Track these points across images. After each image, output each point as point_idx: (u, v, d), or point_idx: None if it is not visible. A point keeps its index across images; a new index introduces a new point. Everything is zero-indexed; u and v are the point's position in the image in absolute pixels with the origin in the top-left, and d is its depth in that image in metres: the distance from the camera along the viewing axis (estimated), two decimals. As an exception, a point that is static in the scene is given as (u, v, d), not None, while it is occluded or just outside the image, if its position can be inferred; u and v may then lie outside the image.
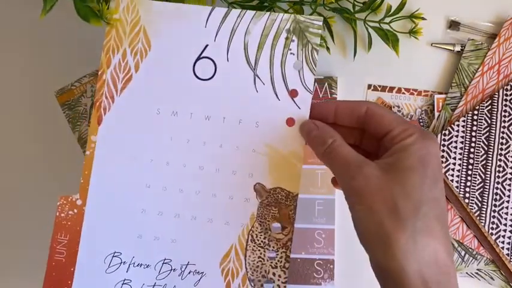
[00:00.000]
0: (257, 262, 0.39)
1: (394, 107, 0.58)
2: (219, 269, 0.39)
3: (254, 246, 0.39)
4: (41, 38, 0.60)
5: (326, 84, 0.59)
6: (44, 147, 0.59)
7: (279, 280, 0.39)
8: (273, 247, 0.39)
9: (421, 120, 0.58)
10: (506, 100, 0.56)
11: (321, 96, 0.59)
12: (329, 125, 0.36)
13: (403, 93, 0.59)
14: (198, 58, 0.39)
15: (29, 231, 0.58)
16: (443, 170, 0.54)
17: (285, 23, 0.39)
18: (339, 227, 0.56)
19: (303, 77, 0.39)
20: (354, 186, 0.31)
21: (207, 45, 0.39)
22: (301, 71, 0.39)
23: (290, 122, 0.38)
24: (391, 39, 0.57)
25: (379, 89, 0.59)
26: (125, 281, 0.39)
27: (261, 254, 0.39)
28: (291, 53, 0.39)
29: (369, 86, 0.59)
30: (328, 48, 0.59)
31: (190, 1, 0.53)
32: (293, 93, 0.38)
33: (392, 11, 0.56)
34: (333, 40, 0.58)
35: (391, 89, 0.59)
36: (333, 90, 0.59)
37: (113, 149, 0.39)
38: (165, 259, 0.39)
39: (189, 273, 0.39)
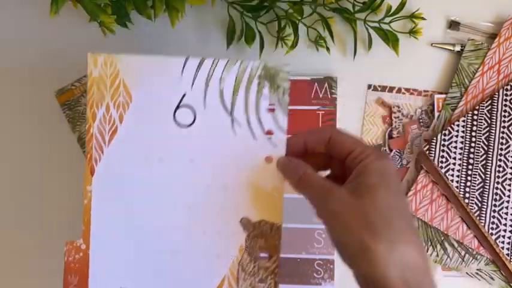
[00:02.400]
0: (249, 289, 0.42)
1: (394, 107, 0.58)
2: None
3: (245, 275, 0.42)
4: (40, 38, 0.60)
5: (326, 84, 0.59)
6: (44, 147, 0.59)
7: (269, 304, 0.42)
8: (262, 275, 0.42)
9: (421, 120, 0.58)
10: (506, 100, 0.56)
11: (320, 96, 0.58)
12: (303, 157, 0.40)
13: (403, 93, 0.58)
14: (178, 107, 0.40)
15: (32, 233, 0.58)
16: (443, 170, 0.55)
17: (256, 70, 0.40)
18: (339, 226, 0.58)
19: (277, 119, 0.40)
20: (330, 208, 0.35)
21: (184, 94, 0.40)
22: (275, 113, 0.40)
23: (268, 159, 0.40)
24: (391, 39, 0.56)
25: (379, 89, 0.59)
26: None
27: (251, 282, 0.42)
28: (264, 97, 0.40)
29: (369, 86, 0.59)
30: (328, 49, 0.58)
31: (192, 1, 0.53)
32: (269, 133, 0.40)
33: (392, 11, 0.56)
34: (333, 40, 0.58)
35: (391, 89, 0.58)
36: (333, 91, 0.58)
37: (108, 196, 0.42)
38: None
39: None
